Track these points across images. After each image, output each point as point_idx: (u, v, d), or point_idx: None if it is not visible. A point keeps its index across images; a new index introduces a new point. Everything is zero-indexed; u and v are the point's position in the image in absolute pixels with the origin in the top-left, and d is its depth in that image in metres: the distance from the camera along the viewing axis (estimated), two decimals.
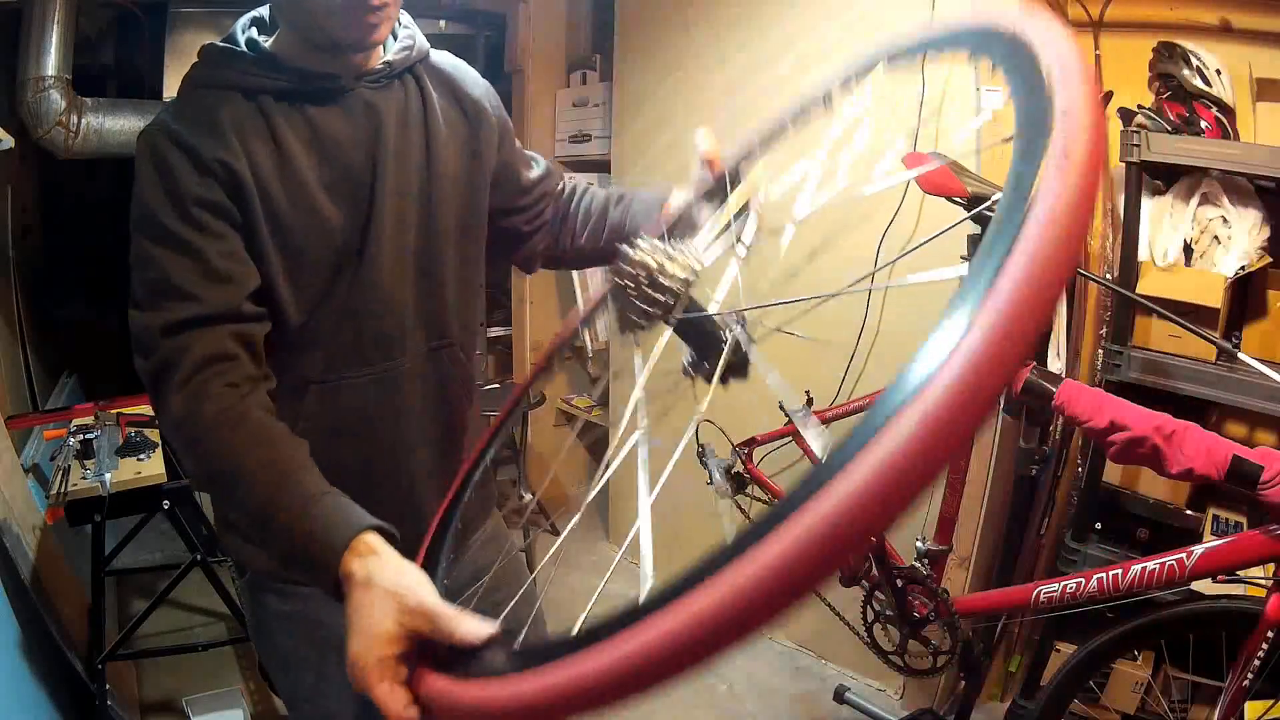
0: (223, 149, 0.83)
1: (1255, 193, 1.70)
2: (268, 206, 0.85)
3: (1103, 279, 1.86)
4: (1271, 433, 1.74)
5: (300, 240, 0.88)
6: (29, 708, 1.58)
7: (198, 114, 0.85)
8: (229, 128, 0.84)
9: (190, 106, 0.86)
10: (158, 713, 2.02)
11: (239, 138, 0.84)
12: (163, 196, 0.81)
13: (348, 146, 0.90)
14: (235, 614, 1.99)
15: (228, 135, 0.84)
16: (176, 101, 0.88)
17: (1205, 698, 1.77)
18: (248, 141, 0.85)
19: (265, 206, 0.85)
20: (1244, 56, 1.75)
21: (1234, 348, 1.61)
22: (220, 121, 0.84)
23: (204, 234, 0.82)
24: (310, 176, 0.88)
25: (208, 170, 0.82)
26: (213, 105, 0.86)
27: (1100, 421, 1.28)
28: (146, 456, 1.84)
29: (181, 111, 0.85)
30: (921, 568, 1.57)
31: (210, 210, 0.82)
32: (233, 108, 0.86)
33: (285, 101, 0.88)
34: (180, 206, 0.81)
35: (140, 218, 0.82)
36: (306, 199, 0.88)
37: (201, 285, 0.81)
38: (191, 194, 0.81)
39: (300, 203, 0.87)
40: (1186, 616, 1.33)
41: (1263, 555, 1.16)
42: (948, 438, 0.34)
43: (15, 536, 1.63)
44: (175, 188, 0.81)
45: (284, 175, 0.86)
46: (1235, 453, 1.16)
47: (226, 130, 0.84)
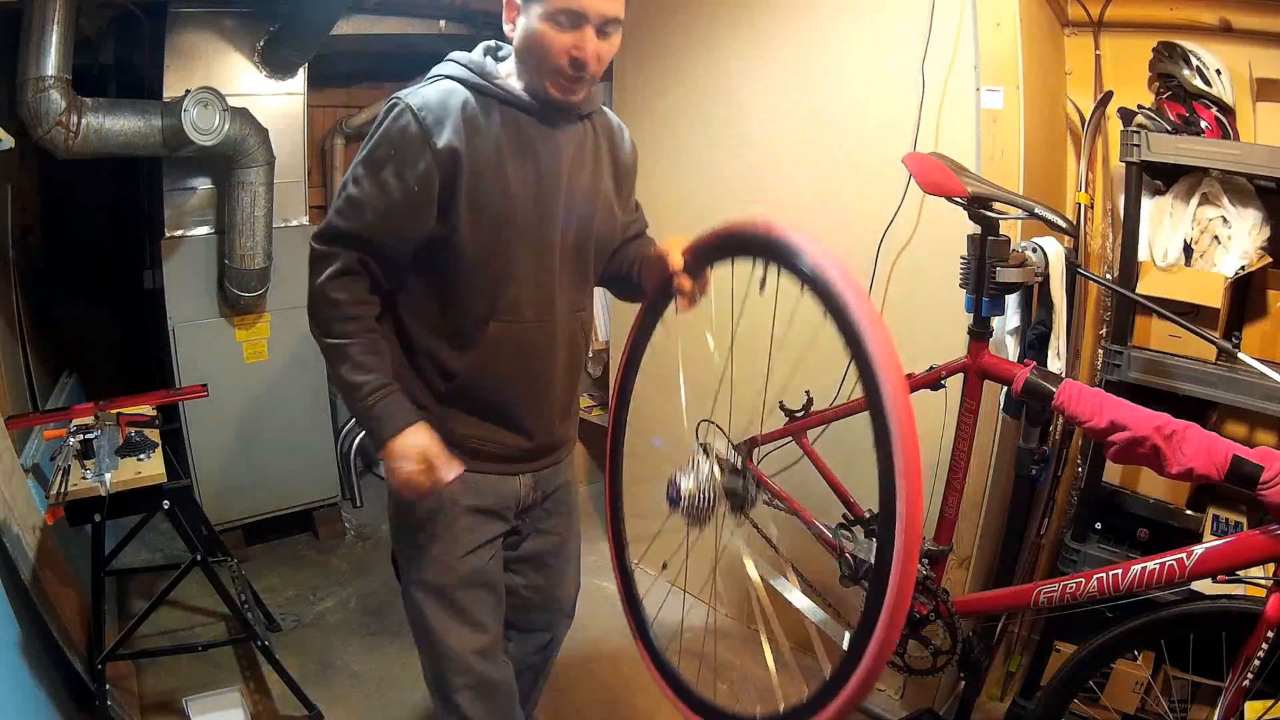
0: (454, 137, 1.17)
1: (1255, 193, 1.70)
2: (470, 180, 1.19)
3: (1103, 279, 1.86)
4: (1271, 433, 1.74)
5: (490, 207, 1.21)
6: (29, 708, 1.58)
7: (443, 104, 1.18)
8: (462, 119, 1.18)
9: (439, 95, 1.19)
10: (158, 713, 2.02)
11: (467, 128, 1.18)
12: (392, 155, 1.17)
13: (542, 154, 1.25)
14: (235, 614, 1.99)
15: (459, 125, 1.17)
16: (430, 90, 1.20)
17: (1205, 698, 1.77)
18: (473, 131, 1.19)
19: (469, 180, 1.19)
20: (1244, 56, 1.75)
21: (1234, 348, 1.61)
22: (458, 114, 1.18)
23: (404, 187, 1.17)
24: (509, 166, 1.22)
25: (434, 151, 1.16)
26: (456, 101, 1.19)
27: (1100, 421, 1.28)
28: (146, 456, 1.84)
29: (429, 99, 1.18)
30: (921, 568, 1.57)
31: (422, 181, 1.17)
32: (470, 105, 1.20)
33: (509, 109, 1.23)
34: (399, 168, 1.17)
35: (372, 157, 1.19)
36: (502, 181, 1.21)
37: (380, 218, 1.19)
38: (414, 165, 1.17)
39: (497, 183, 1.21)
40: (1186, 616, 1.33)
41: (1263, 555, 1.16)
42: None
43: (15, 536, 1.63)
44: (404, 154, 1.17)
45: (490, 160, 1.20)
46: (1235, 453, 1.16)
47: (460, 122, 1.18)
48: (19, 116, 2.01)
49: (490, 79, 1.22)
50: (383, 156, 1.18)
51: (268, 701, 2.09)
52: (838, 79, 2.05)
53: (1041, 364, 1.54)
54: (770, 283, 1.17)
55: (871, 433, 0.91)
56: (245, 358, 2.66)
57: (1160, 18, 1.85)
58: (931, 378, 1.60)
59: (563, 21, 1.14)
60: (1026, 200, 1.47)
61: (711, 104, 2.32)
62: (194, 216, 2.54)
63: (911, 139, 1.89)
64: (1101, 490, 1.84)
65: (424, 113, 1.16)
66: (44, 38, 1.95)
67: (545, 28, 1.15)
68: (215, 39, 2.48)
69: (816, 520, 1.79)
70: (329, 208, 1.24)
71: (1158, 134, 1.67)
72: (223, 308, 2.60)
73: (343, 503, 3.07)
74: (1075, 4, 1.95)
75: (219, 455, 2.66)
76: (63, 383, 2.65)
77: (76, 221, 3.12)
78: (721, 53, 2.27)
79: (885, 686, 2.20)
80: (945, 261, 1.68)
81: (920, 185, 1.54)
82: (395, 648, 2.29)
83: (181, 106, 2.16)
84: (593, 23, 1.15)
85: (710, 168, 2.34)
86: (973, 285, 1.50)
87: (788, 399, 1.87)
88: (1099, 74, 1.95)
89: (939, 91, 1.86)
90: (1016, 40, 1.73)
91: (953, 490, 1.58)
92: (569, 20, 1.14)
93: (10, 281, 2.40)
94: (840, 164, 2.07)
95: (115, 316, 3.27)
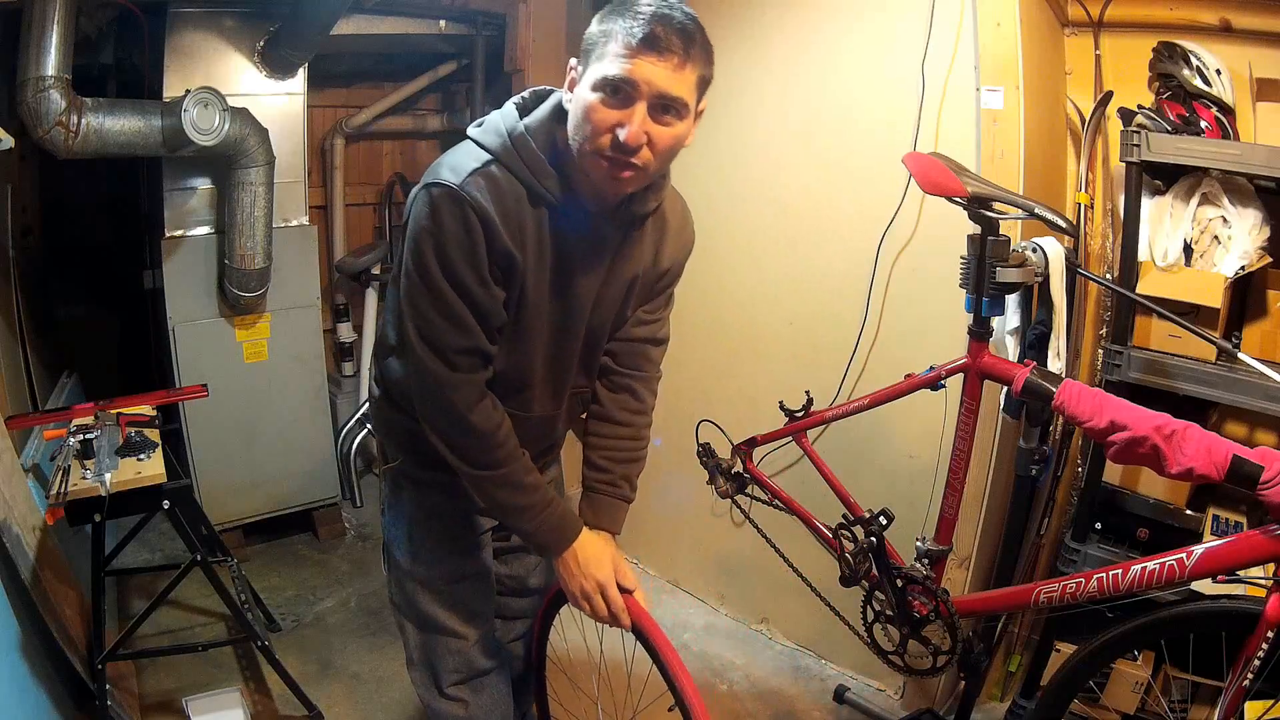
0: (512, 242, 1.08)
1: (1255, 193, 1.70)
2: (520, 289, 1.13)
3: (1103, 279, 1.86)
4: (1271, 433, 1.74)
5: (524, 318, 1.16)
6: (29, 708, 1.58)
7: (502, 202, 1.07)
8: (516, 224, 1.09)
9: (496, 189, 1.07)
10: (158, 713, 2.02)
11: (522, 235, 1.10)
12: (463, 256, 1.07)
13: (578, 264, 1.16)
14: (235, 614, 1.99)
15: (515, 231, 1.09)
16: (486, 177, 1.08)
17: (1205, 698, 1.77)
18: (526, 240, 1.10)
19: (520, 288, 1.13)
20: (1244, 56, 1.75)
21: (1234, 348, 1.61)
22: (515, 217, 1.09)
23: (485, 290, 1.10)
24: (547, 277, 1.15)
25: (498, 249, 1.08)
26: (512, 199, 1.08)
27: (1100, 421, 1.28)
28: (146, 456, 1.84)
29: (488, 191, 1.06)
30: (921, 568, 1.57)
31: (494, 277, 1.10)
32: (523, 208, 1.09)
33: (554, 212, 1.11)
34: (476, 269, 1.08)
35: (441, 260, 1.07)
36: (541, 291, 1.15)
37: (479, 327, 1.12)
38: (484, 262, 1.08)
39: (535, 292, 1.14)
40: (1186, 616, 1.33)
41: (1263, 555, 1.16)
42: None
43: (15, 536, 1.63)
44: (475, 253, 1.07)
45: (531, 268, 1.12)
46: (1235, 453, 1.16)
47: (514, 226, 1.09)
48: (19, 116, 2.01)
49: (540, 177, 1.09)
50: (458, 258, 1.07)
51: (268, 701, 2.09)
52: (838, 79, 2.05)
53: (1041, 364, 1.54)
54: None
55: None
56: (245, 358, 2.66)
57: (1160, 18, 1.85)
58: (931, 378, 1.60)
59: (609, 92, 1.00)
60: (1026, 200, 1.47)
61: (712, 104, 2.30)
62: (194, 216, 2.54)
63: (911, 139, 1.89)
64: (1101, 490, 1.84)
65: (481, 204, 1.05)
66: (44, 38, 1.95)
67: (594, 100, 1.01)
68: (215, 39, 2.48)
69: (816, 520, 1.79)
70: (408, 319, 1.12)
71: (1158, 134, 1.67)
72: (223, 308, 2.60)
73: (343, 503, 3.07)
74: (1075, 4, 1.95)
75: (219, 455, 2.66)
76: (63, 383, 2.65)
77: (76, 221, 3.12)
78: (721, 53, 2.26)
79: (885, 686, 2.20)
80: (945, 261, 1.68)
81: (920, 185, 1.54)
82: (395, 648, 2.28)
83: (181, 106, 2.15)
84: (644, 98, 1.00)
85: (710, 168, 2.34)
86: (973, 285, 1.50)
87: (788, 399, 1.87)
88: (1099, 74, 1.95)
89: (939, 91, 1.87)
90: (1016, 40, 1.73)
91: (953, 490, 1.58)
92: (615, 92, 1.00)
93: (10, 281, 2.40)
94: (840, 164, 2.07)
95: (115, 316, 3.28)
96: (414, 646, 1.43)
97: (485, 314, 1.12)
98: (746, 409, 2.16)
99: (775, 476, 2.06)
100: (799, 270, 2.20)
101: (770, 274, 2.27)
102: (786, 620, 2.41)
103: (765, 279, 2.29)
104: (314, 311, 2.77)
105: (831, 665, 2.31)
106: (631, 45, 0.98)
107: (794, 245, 2.20)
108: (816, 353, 2.18)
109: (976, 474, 1.86)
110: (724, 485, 1.90)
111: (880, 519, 1.53)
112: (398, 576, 1.42)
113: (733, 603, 2.55)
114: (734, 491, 1.91)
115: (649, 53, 0.99)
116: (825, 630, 2.17)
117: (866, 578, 1.61)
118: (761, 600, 2.45)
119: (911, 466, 2.02)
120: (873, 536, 1.53)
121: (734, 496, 1.91)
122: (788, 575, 1.91)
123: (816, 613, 1.94)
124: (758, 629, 2.47)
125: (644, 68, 0.99)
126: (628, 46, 0.98)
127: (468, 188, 1.05)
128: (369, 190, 3.51)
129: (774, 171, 2.22)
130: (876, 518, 1.53)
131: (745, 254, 2.32)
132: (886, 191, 1.94)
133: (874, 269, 2.01)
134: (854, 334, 2.07)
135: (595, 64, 1.01)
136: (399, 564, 1.41)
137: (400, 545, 1.40)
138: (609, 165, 1.03)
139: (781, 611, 2.41)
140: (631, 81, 0.99)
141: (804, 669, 2.31)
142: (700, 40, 1.04)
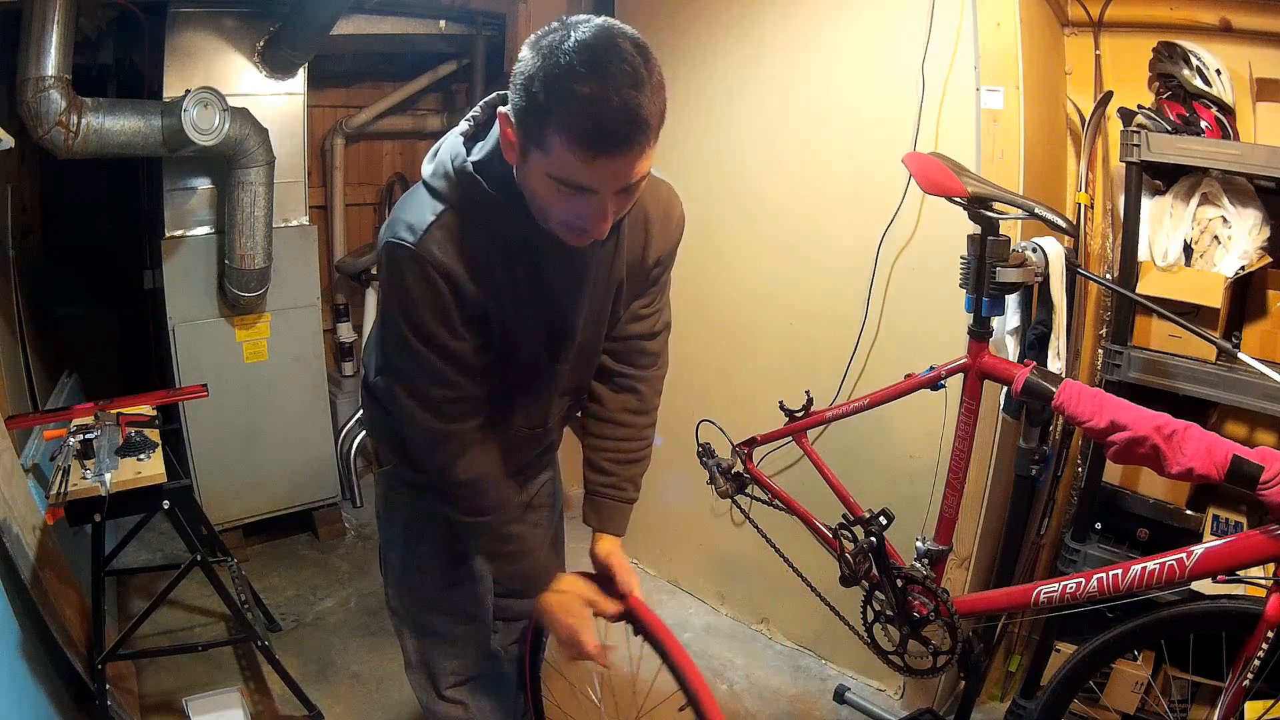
0: (480, 289, 1.05)
1: (1255, 193, 1.70)
2: (498, 327, 1.10)
3: (1103, 279, 1.86)
4: (1271, 433, 1.74)
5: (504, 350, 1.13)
6: (29, 708, 1.58)
7: (464, 252, 1.03)
8: (484, 268, 1.05)
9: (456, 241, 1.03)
10: (158, 713, 2.02)
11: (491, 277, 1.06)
12: (433, 315, 1.04)
13: (558, 289, 1.11)
14: (235, 614, 1.99)
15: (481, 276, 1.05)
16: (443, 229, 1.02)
17: (1205, 698, 1.77)
18: (496, 282, 1.06)
19: (497, 327, 1.10)
20: (1244, 56, 1.75)
21: (1234, 348, 1.61)
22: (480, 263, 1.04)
23: (462, 343, 1.08)
24: (528, 310, 1.11)
25: (468, 301, 1.05)
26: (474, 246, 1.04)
27: (1100, 421, 1.28)
28: (146, 456, 1.84)
29: (447, 245, 1.02)
30: (921, 568, 1.57)
31: (468, 327, 1.07)
32: (488, 251, 1.04)
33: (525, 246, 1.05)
34: (449, 325, 1.05)
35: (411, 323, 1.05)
36: (519, 322, 1.11)
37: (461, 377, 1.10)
38: (455, 317, 1.05)
39: (517, 326, 1.11)
40: (1186, 616, 1.33)
41: (1263, 555, 1.16)
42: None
43: (15, 536, 1.63)
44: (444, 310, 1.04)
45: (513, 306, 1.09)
46: (1235, 453, 1.16)
47: (480, 272, 1.04)
48: (19, 116, 2.01)
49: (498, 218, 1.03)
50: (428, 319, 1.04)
51: (268, 701, 2.09)
52: (838, 79, 2.05)
53: (1041, 364, 1.54)
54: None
55: None
56: (245, 358, 2.66)
57: (1160, 18, 1.85)
58: (931, 378, 1.60)
59: (568, 189, 0.92)
60: (1026, 200, 1.47)
61: (711, 104, 2.32)
62: (194, 216, 2.54)
63: (911, 139, 1.89)
64: (1101, 490, 1.84)
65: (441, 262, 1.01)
66: (44, 38, 1.95)
67: (548, 189, 0.93)
68: (215, 39, 2.48)
69: (816, 520, 1.79)
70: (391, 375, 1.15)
71: (1158, 134, 1.67)
72: (223, 308, 2.60)
73: (343, 503, 3.07)
74: (1075, 4, 1.95)
75: (219, 455, 2.66)
76: (63, 383, 2.65)
77: (76, 221, 3.12)
78: (721, 53, 2.27)
79: (885, 686, 2.20)
80: (945, 261, 1.68)
81: (920, 185, 1.54)
82: (395, 648, 2.25)
83: (181, 106, 2.15)
84: (607, 191, 0.92)
85: (710, 168, 2.34)
86: (973, 285, 1.50)
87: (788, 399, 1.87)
88: (1099, 74, 1.95)
89: (939, 91, 1.86)
90: (1016, 40, 1.73)
91: (953, 490, 1.58)
92: (575, 191, 0.92)
93: (10, 281, 2.40)
94: (840, 164, 2.07)
95: (115, 317, 3.27)
96: (411, 650, 1.44)
97: (465, 366, 1.10)
98: (746, 409, 2.16)
99: (775, 476, 2.06)
100: (799, 270, 2.20)
101: (770, 274, 2.27)
102: (786, 620, 2.41)
103: (765, 279, 2.29)
104: (314, 311, 2.77)
105: (831, 665, 2.31)
106: (589, 150, 0.87)
107: (794, 245, 2.20)
108: (816, 353, 2.18)
109: (976, 474, 1.86)
110: (724, 485, 1.90)
111: (880, 519, 1.53)
112: (394, 580, 1.42)
113: (733, 603, 2.55)
114: (734, 491, 1.91)
115: (603, 156, 0.88)
116: (825, 630, 2.17)
117: (866, 578, 1.61)
118: (761, 600, 2.45)
119: (911, 466, 2.02)
120: (873, 536, 1.53)
121: (734, 496, 1.91)
122: (788, 575, 1.90)
123: (816, 613, 1.94)
124: (758, 629, 2.47)
125: (607, 171, 0.89)
126: (585, 152, 0.87)
127: (426, 247, 1.01)
128: (369, 190, 3.51)
129: (774, 171, 2.22)
130: (876, 518, 1.53)
131: (745, 254, 2.32)
132: (886, 191, 1.94)
133: (874, 269, 2.01)
134: (854, 334, 2.07)
135: (538, 152, 0.91)
136: (395, 568, 1.41)
137: (396, 549, 1.40)
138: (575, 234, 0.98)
139: (781, 611, 2.41)
140: (591, 187, 0.91)
141: (804, 669, 2.31)
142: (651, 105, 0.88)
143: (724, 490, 1.91)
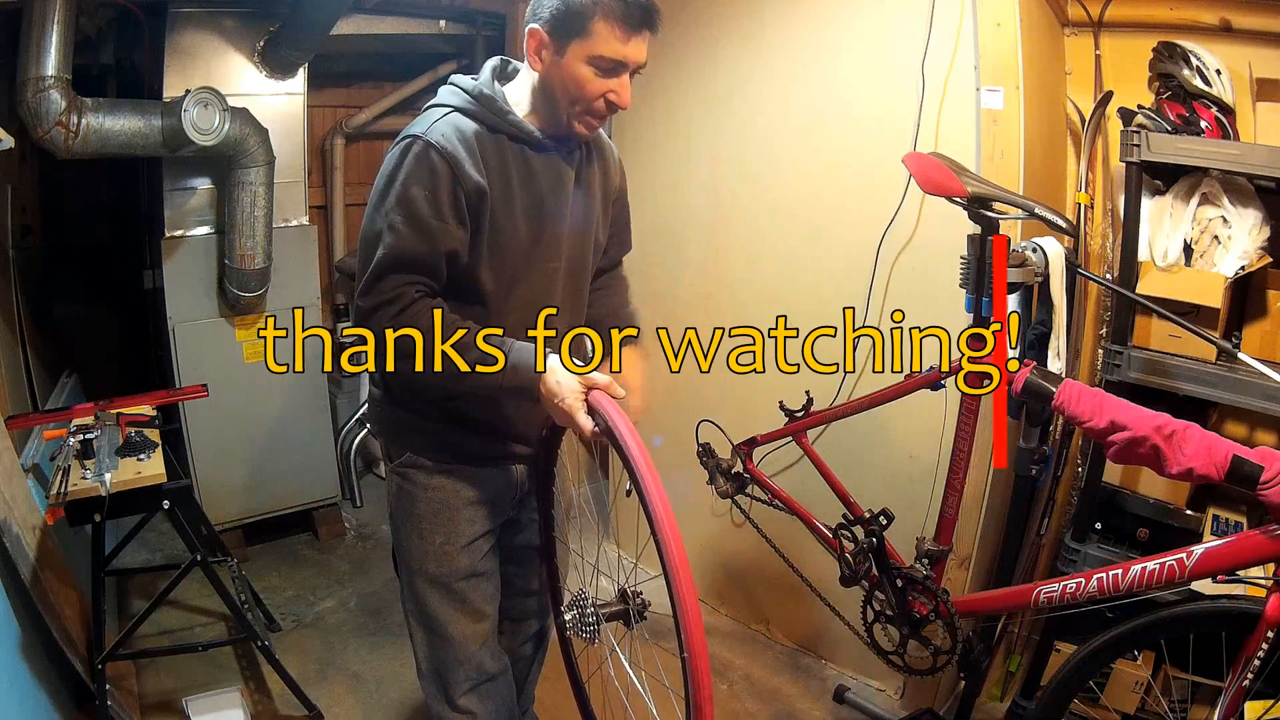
0: (479, 174, 1.18)
1: (1255, 193, 1.70)
2: (492, 219, 1.21)
3: (1103, 279, 1.86)
4: (1271, 433, 1.74)
5: (503, 243, 1.24)
6: (29, 708, 1.58)
7: (464, 140, 1.18)
8: (481, 158, 1.19)
9: (453, 130, 1.18)
10: (158, 713, 2.02)
11: (488, 167, 1.20)
12: (425, 194, 1.15)
13: (549, 187, 1.27)
14: (235, 614, 1.99)
15: (480, 164, 1.19)
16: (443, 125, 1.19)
17: (1205, 698, 1.77)
18: (492, 170, 1.20)
19: (491, 218, 1.21)
20: (1244, 56, 1.75)
21: (1234, 348, 1.61)
22: (478, 151, 1.19)
23: (443, 224, 1.17)
24: (518, 202, 1.24)
25: (464, 185, 1.17)
26: (471, 137, 1.19)
27: (1100, 422, 1.28)
28: (146, 456, 1.84)
29: (447, 135, 1.17)
30: (921, 568, 1.57)
31: (455, 214, 1.18)
32: (484, 140, 1.21)
33: (516, 144, 1.24)
34: (435, 206, 1.16)
35: (406, 196, 1.15)
36: (513, 218, 1.24)
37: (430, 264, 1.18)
38: (447, 200, 1.17)
39: (509, 219, 1.23)
40: (1186, 616, 1.33)
41: (1263, 555, 1.16)
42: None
43: (15, 536, 1.63)
44: (436, 191, 1.16)
45: (505, 198, 1.22)
46: (1235, 453, 1.16)
47: (479, 159, 1.19)
48: (19, 116, 2.01)
49: (501, 115, 1.22)
50: (416, 195, 1.15)
51: (268, 701, 2.09)
52: (837, 78, 2.05)
53: (1041, 364, 1.54)
54: None
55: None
56: (245, 358, 2.66)
57: (1160, 18, 1.85)
58: (931, 378, 1.60)
59: (604, 68, 1.17)
60: (1026, 200, 1.47)
61: (711, 104, 2.32)
62: (194, 216, 2.54)
63: (911, 139, 1.89)
64: (1101, 490, 1.84)
65: (447, 148, 1.16)
66: (44, 38, 1.95)
67: (586, 72, 1.17)
68: (215, 39, 2.48)
69: (816, 520, 1.79)
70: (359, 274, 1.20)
71: (1158, 134, 1.67)
72: (223, 308, 2.60)
73: (343, 503, 3.07)
74: (1075, 4, 1.95)
75: (219, 455, 2.66)
76: (63, 383, 2.65)
77: (76, 221, 3.12)
78: (721, 53, 2.27)
79: (885, 686, 2.20)
80: (945, 261, 1.68)
81: (920, 185, 1.54)
82: (395, 648, 2.29)
83: (181, 106, 2.16)
84: (630, 70, 1.19)
85: (710, 168, 2.34)
86: (973, 285, 1.50)
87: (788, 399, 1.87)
88: (1099, 74, 1.95)
89: (939, 91, 1.86)
90: (1016, 40, 1.73)
91: (953, 490, 1.58)
92: (611, 68, 1.17)
93: (10, 281, 2.40)
94: (840, 164, 2.07)
95: (115, 316, 3.28)
96: (424, 656, 1.45)
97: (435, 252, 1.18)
98: (746, 409, 2.16)
99: (775, 476, 2.06)
100: (799, 270, 2.20)
101: (771, 273, 2.27)
102: (786, 620, 2.41)
103: (765, 278, 2.29)
104: (314, 311, 2.77)
105: (831, 665, 2.31)
106: (629, 29, 1.14)
107: (794, 245, 2.20)
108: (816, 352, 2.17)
109: (976, 474, 1.86)
110: (724, 485, 1.90)
111: (880, 519, 1.53)
112: (409, 578, 1.43)
113: (733, 603, 2.55)
114: (734, 491, 1.90)
115: (639, 34, 1.16)
116: (825, 630, 2.17)
117: (866, 578, 1.61)
118: (761, 600, 2.45)
119: (911, 466, 2.02)
120: (873, 537, 1.53)
121: (734, 496, 1.91)
122: (788, 575, 1.90)
123: (816, 613, 1.94)
124: (758, 629, 2.47)
125: (637, 48, 1.17)
126: (625, 30, 1.14)
127: (433, 133, 1.17)
128: (369, 190, 3.50)
129: (774, 171, 2.22)
130: (876, 518, 1.53)
131: (745, 253, 2.32)
132: (886, 191, 1.94)
133: (874, 269, 2.01)
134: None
135: (582, 40, 1.15)
136: (409, 564, 1.42)
137: (411, 544, 1.41)
138: (594, 120, 1.23)
139: (781, 611, 2.41)
140: (628, 63, 1.17)
141: (804, 669, 2.31)
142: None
143: (724, 490, 1.91)
